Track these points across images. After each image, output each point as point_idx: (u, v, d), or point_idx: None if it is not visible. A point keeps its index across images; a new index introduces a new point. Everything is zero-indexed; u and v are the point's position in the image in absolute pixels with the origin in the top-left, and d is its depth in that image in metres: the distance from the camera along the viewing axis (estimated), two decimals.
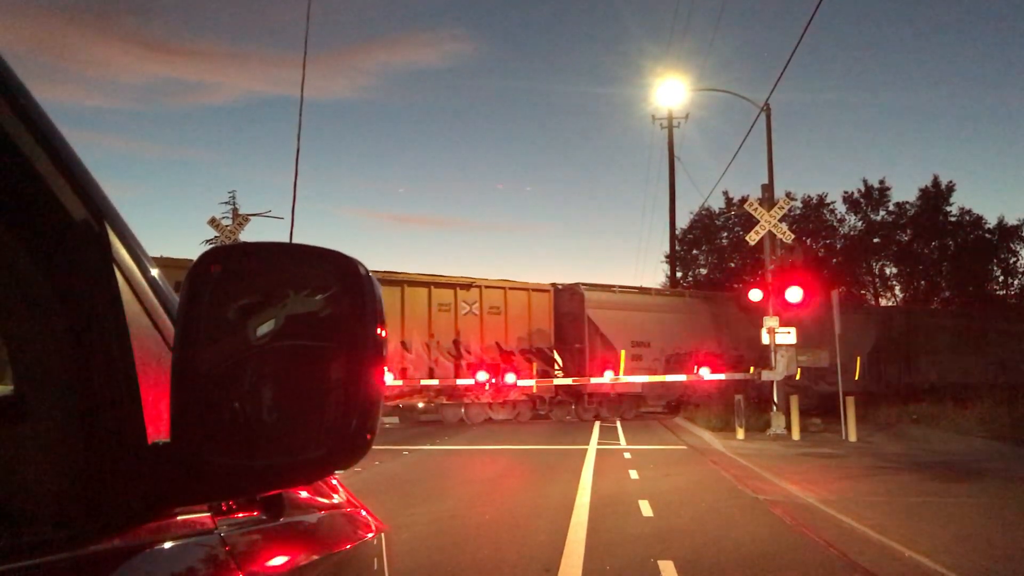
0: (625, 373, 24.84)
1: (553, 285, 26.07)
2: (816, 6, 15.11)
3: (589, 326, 25.26)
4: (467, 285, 23.76)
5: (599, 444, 16.84)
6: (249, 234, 20.94)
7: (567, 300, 25.62)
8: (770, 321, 18.90)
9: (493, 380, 23.44)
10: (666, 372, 25.44)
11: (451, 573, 6.07)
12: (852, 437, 16.59)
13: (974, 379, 31.32)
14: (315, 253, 1.06)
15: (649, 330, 26.34)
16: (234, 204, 31.67)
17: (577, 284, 25.92)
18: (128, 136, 69.03)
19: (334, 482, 1.73)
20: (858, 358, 27.89)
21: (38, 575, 0.78)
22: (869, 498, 9.22)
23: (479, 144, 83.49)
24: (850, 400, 16.99)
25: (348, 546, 1.55)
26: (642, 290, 27.70)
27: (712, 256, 51.09)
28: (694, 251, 51.82)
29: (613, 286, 26.82)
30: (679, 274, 48.04)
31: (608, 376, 25.01)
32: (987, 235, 49.59)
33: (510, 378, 23.46)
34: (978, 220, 49.60)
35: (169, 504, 0.98)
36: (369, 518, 1.75)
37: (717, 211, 49.73)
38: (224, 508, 1.14)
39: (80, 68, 59.53)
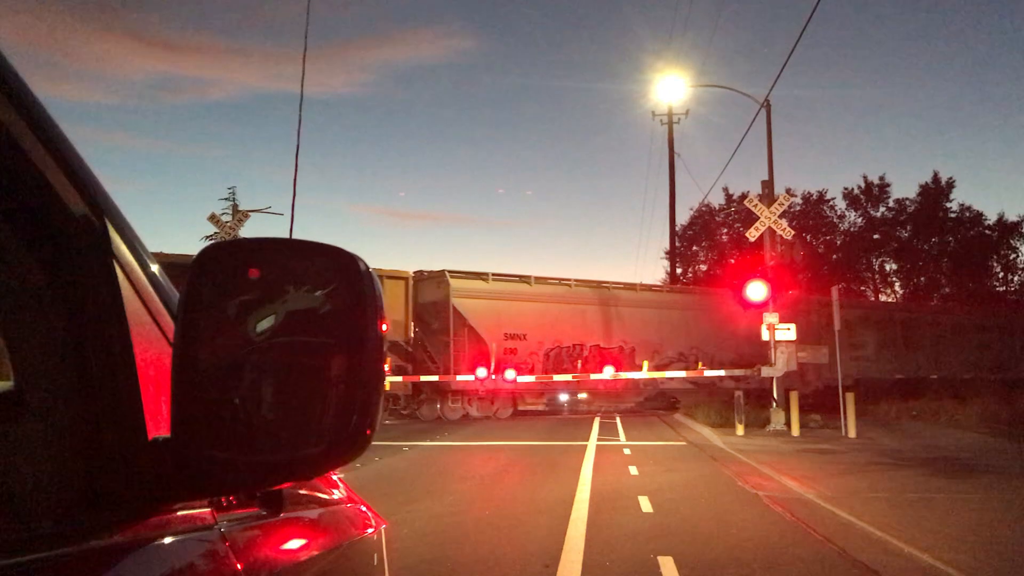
0: (496, 369, 23.53)
1: (418, 273, 24.74)
2: (816, 2, 15.09)
3: (456, 317, 23.68)
4: None
5: (599, 440, 16.86)
6: (249, 230, 21.01)
7: (432, 289, 24.16)
8: (770, 317, 18.89)
9: (493, 376, 23.45)
10: (545, 368, 24.40)
11: (451, 569, 6.07)
12: (852, 433, 16.61)
13: (907, 375, 31.00)
14: (315, 249, 1.06)
15: (526, 322, 24.65)
16: (234, 200, 31.77)
17: (443, 271, 24.20)
18: (128, 132, 69.11)
19: (334, 478, 1.73)
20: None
21: (38, 570, 0.78)
22: (869, 494, 9.23)
23: (479, 140, 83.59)
24: (850, 396, 17.00)
25: (348, 541, 1.55)
26: (522, 278, 25.66)
27: (712, 252, 51.09)
28: (694, 247, 51.82)
29: (487, 274, 24.89)
30: (679, 270, 48.06)
31: (608, 372, 24.97)
32: (987, 231, 49.59)
33: (509, 375, 23.47)
34: (978, 216, 49.64)
35: (169, 499, 0.98)
36: (369, 514, 1.75)
37: (717, 207, 49.81)
38: (224, 503, 1.14)
39: (80, 64, 59.51)
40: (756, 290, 18.56)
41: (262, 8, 74.73)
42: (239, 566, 1.06)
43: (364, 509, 1.75)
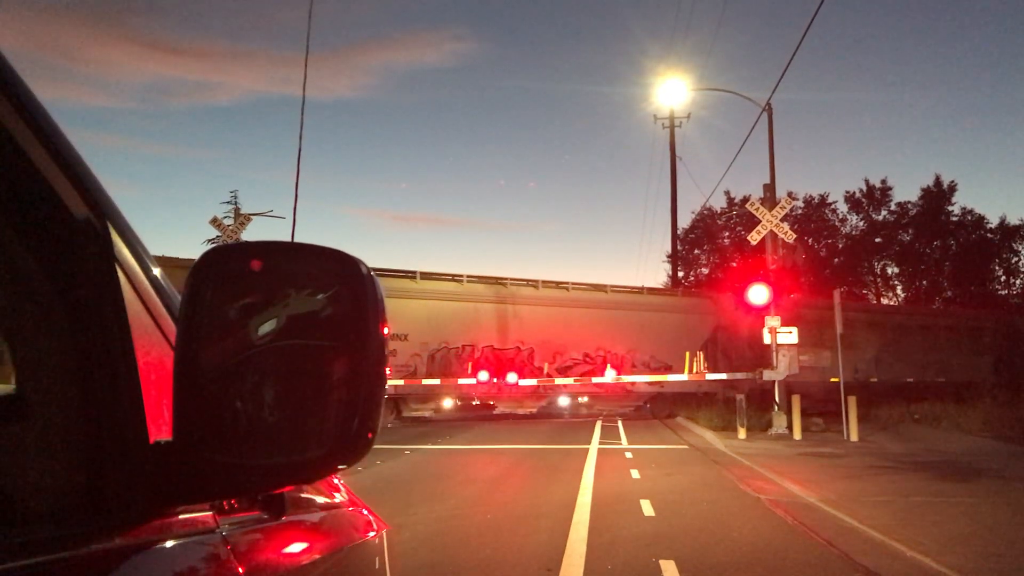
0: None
1: None
2: (818, 6, 15.10)
3: None
4: None
5: (600, 444, 16.84)
6: (251, 233, 20.97)
7: None
8: (772, 320, 18.88)
9: (495, 380, 23.43)
10: (430, 371, 23.40)
11: (452, 572, 6.06)
12: (854, 437, 16.58)
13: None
14: (317, 252, 1.06)
15: (410, 321, 23.13)
16: (236, 203, 31.85)
17: None
18: (130, 135, 69.25)
19: (336, 481, 1.73)
20: (687, 354, 25.39)
21: (40, 574, 0.78)
22: (871, 498, 9.22)
23: (481, 143, 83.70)
24: (852, 400, 16.98)
25: (349, 545, 1.55)
26: (407, 274, 24.01)
27: (714, 256, 51.07)
28: (696, 251, 51.81)
29: None
30: (681, 274, 48.04)
31: (610, 376, 24.86)
32: (989, 235, 49.54)
33: (511, 378, 23.47)
34: (980, 220, 49.57)
35: (171, 503, 0.98)
36: (370, 517, 1.75)
37: (719, 211, 49.80)
38: (226, 507, 1.14)
39: (82, 67, 59.66)
40: (758, 293, 18.46)
41: (265, 12, 74.97)
42: (240, 570, 1.06)
43: (365, 513, 1.75)
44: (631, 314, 26.44)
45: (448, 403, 26.03)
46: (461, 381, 23.30)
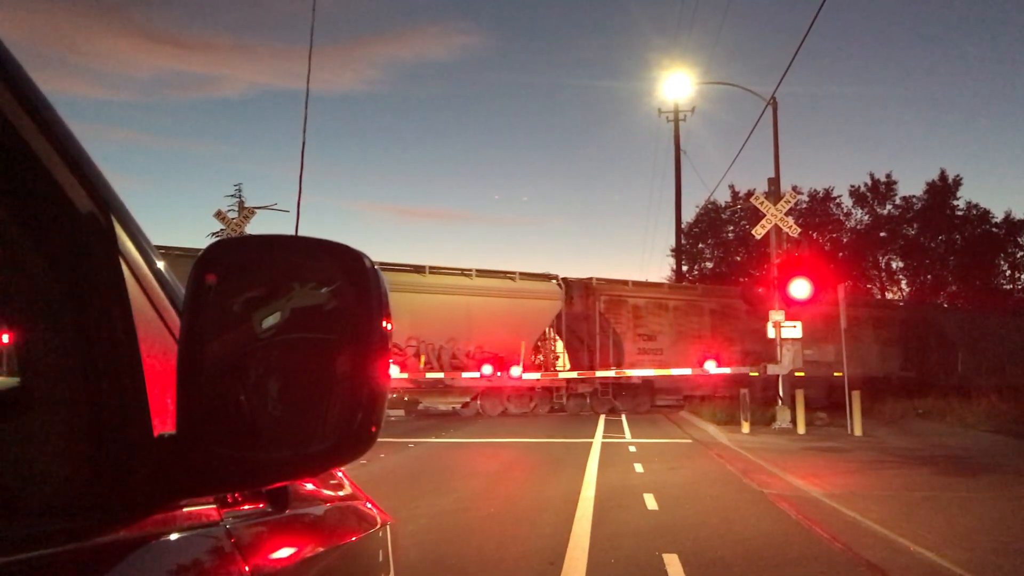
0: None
1: None
2: (822, 0, 15.01)
3: None
4: None
5: (604, 437, 16.86)
6: (255, 227, 21.00)
7: None
8: (776, 315, 18.84)
9: (499, 373, 23.40)
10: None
11: (456, 566, 6.08)
12: (858, 431, 16.56)
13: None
14: (320, 246, 1.06)
15: None
16: (240, 197, 31.91)
17: None
18: (134, 129, 69.34)
19: (339, 475, 1.73)
20: (522, 343, 23.80)
21: (44, 567, 0.78)
22: (875, 492, 9.21)
23: (485, 137, 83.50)
24: (856, 394, 16.95)
25: (353, 538, 1.55)
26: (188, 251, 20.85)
27: (718, 250, 50.99)
28: (700, 245, 51.71)
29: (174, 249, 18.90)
30: (685, 268, 47.98)
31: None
32: (994, 229, 49.34)
33: (515, 371, 23.46)
34: (985, 214, 49.35)
35: (175, 496, 0.98)
36: (374, 510, 1.75)
37: (723, 204, 49.68)
38: (230, 500, 1.14)
39: (86, 60, 59.75)
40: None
41: (269, 5, 74.85)
42: (245, 563, 1.06)
43: (369, 506, 1.75)
44: (456, 299, 23.76)
45: None
46: (465, 375, 23.27)
